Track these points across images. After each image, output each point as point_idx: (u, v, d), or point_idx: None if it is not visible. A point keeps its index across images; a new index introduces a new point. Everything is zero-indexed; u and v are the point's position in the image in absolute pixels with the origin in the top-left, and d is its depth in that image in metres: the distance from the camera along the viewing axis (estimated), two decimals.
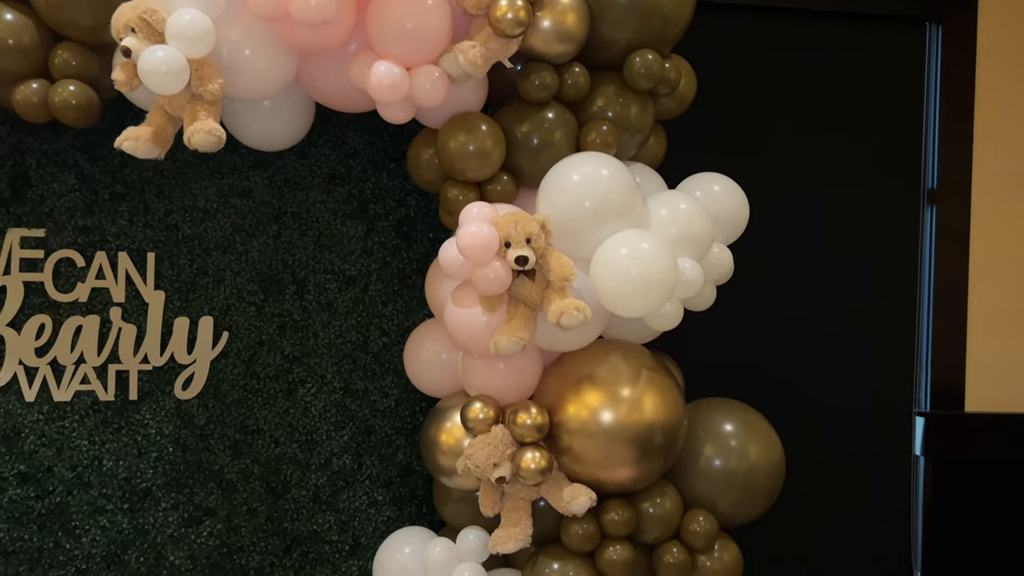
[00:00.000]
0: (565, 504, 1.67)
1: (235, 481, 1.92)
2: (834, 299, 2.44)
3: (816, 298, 2.42)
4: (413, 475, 2.02)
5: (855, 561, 2.51)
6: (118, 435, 1.87)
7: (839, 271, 2.42)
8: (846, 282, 2.44)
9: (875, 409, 2.49)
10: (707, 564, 1.76)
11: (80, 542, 1.85)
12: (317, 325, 1.96)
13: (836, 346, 2.45)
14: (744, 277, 1.92)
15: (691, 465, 1.80)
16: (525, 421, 1.68)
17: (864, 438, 2.49)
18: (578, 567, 1.71)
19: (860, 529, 2.51)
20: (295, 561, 1.95)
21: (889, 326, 2.51)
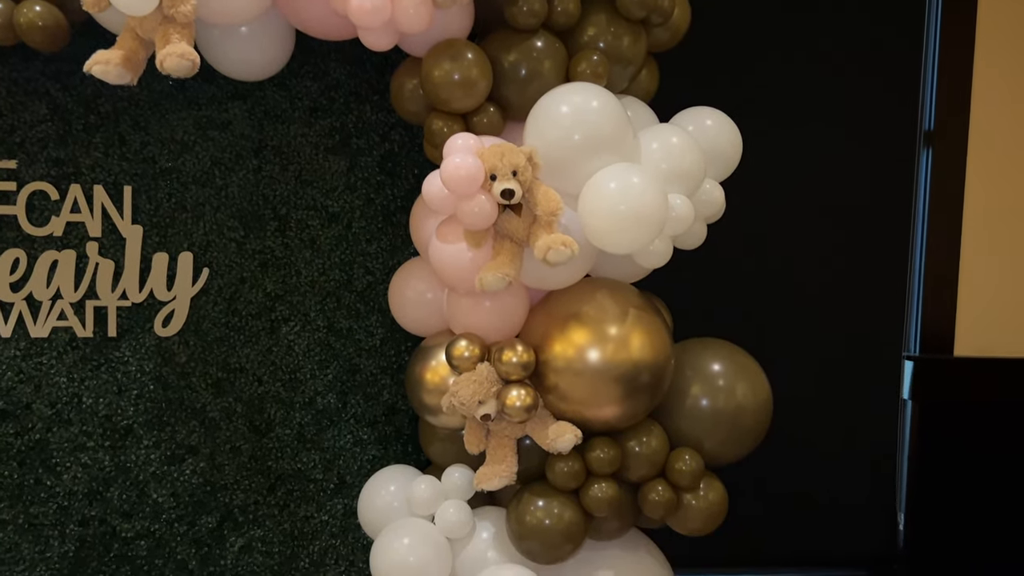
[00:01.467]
0: (550, 442, 1.66)
1: (218, 419, 1.90)
2: (826, 241, 2.41)
3: (808, 239, 2.39)
4: (398, 414, 2.00)
5: (839, 503, 2.53)
6: (97, 372, 1.84)
7: (832, 212, 2.39)
8: (839, 224, 2.41)
9: (864, 353, 2.49)
10: (692, 503, 1.76)
11: (61, 479, 1.83)
12: (300, 262, 1.92)
13: (827, 289, 2.43)
14: (735, 217, 1.89)
15: (678, 404, 1.79)
16: (511, 359, 1.66)
17: (852, 381, 2.48)
18: (563, 504, 1.71)
19: (845, 472, 2.53)
20: (279, 499, 1.95)
21: (881, 270, 2.49)
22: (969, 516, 2.56)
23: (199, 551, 1.91)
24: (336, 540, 1.98)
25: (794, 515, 2.49)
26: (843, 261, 2.43)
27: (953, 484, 2.55)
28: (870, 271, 2.46)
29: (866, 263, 2.46)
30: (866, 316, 2.48)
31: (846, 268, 2.43)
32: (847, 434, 2.49)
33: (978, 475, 2.55)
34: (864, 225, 2.44)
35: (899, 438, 2.56)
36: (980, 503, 2.56)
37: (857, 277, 2.45)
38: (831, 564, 2.56)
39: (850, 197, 2.41)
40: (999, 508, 2.57)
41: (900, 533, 2.58)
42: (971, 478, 2.55)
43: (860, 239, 2.44)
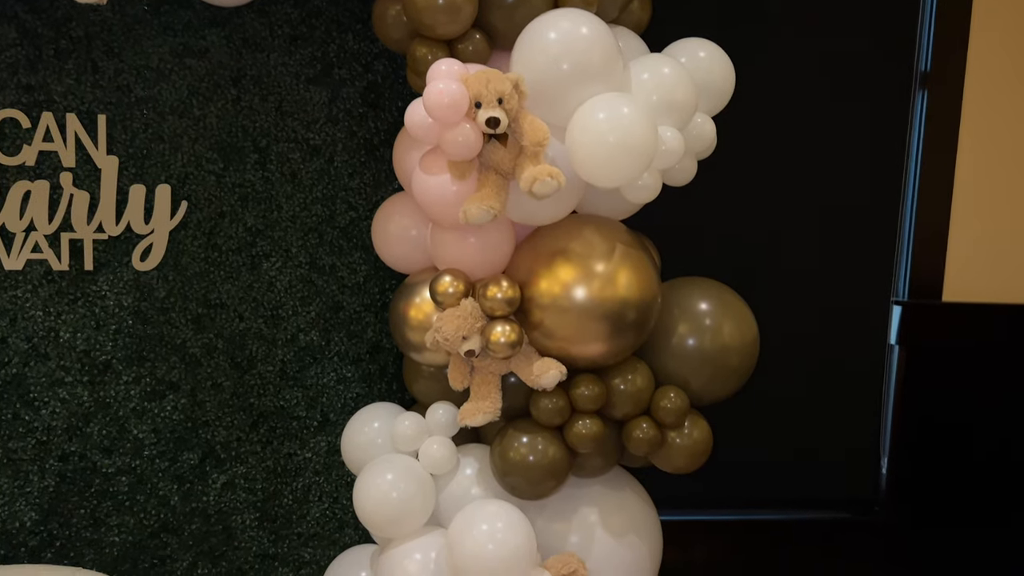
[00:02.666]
0: (535, 378, 1.65)
1: (198, 355, 1.88)
2: (817, 184, 2.38)
3: (798, 183, 2.36)
4: (382, 352, 1.98)
5: (822, 446, 2.54)
6: (74, 306, 1.80)
7: (823, 154, 2.35)
8: (830, 167, 2.37)
9: (852, 297, 2.47)
10: (676, 441, 1.75)
11: (40, 414, 1.81)
12: (280, 197, 1.88)
13: (816, 233, 2.40)
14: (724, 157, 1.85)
15: (664, 343, 1.77)
16: (495, 295, 1.63)
17: (840, 326, 2.48)
18: (547, 440, 1.70)
19: (829, 415, 2.53)
20: (262, 436, 1.93)
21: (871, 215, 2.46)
22: (952, 462, 2.58)
23: (181, 487, 1.90)
24: (320, 477, 1.97)
25: (777, 457, 2.50)
26: (833, 205, 2.40)
27: (937, 430, 2.56)
28: (860, 216, 2.44)
29: (857, 208, 2.43)
30: (855, 261, 2.46)
31: (836, 213, 2.41)
32: (832, 378, 2.49)
33: (963, 421, 2.56)
34: (856, 168, 2.41)
35: (885, 383, 2.56)
36: (964, 449, 2.58)
37: (847, 222, 2.42)
38: (813, 506, 2.58)
39: (843, 140, 2.37)
40: (983, 454, 2.59)
41: (883, 477, 2.60)
42: (956, 424, 2.56)
43: (851, 183, 2.41)
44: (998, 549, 2.60)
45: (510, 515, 1.64)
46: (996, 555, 2.61)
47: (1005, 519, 2.60)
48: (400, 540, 1.74)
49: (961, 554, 2.61)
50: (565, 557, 1.72)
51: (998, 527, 2.60)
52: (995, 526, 2.60)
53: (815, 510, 2.58)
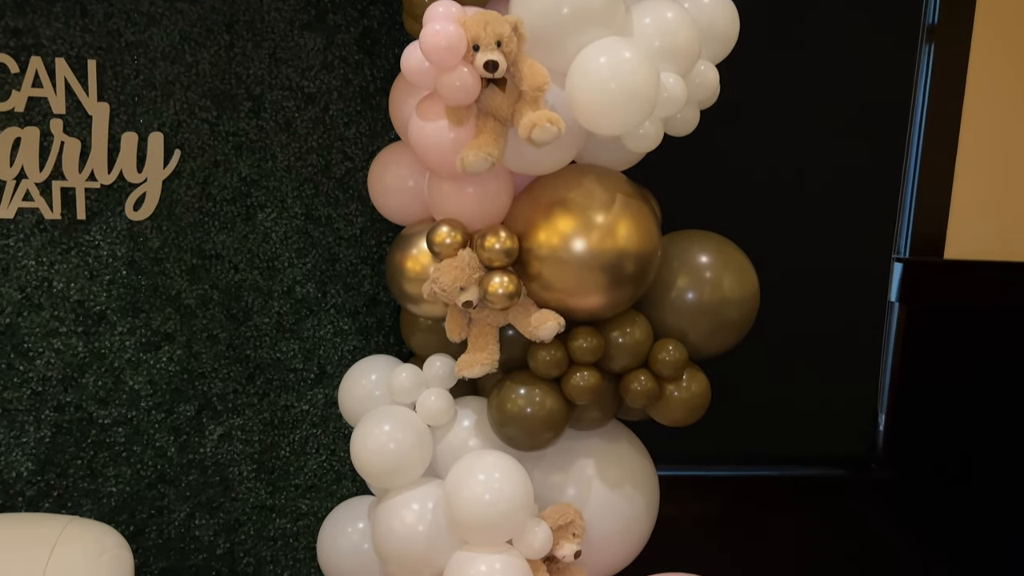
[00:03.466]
0: (532, 329, 1.63)
1: (194, 307, 1.86)
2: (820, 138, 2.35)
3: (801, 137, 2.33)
4: (380, 305, 1.97)
5: (820, 403, 2.54)
6: (67, 256, 1.78)
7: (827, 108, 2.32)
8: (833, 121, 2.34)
9: (853, 254, 2.46)
10: (674, 393, 1.74)
11: (34, 364, 1.80)
12: (275, 146, 1.85)
13: (818, 188, 2.38)
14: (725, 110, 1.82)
15: (663, 296, 1.76)
16: (493, 245, 1.61)
17: (840, 283, 2.46)
18: (545, 392, 1.69)
19: (827, 372, 2.53)
20: (259, 388, 1.93)
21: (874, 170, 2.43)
22: (950, 421, 2.58)
23: (178, 439, 1.89)
24: (317, 429, 1.97)
25: (774, 413, 2.51)
26: (836, 160, 2.37)
27: (936, 388, 2.56)
28: (863, 171, 2.41)
29: (860, 163, 2.41)
30: (857, 218, 2.44)
31: (839, 167, 2.38)
32: (832, 334, 2.49)
33: (962, 380, 2.56)
34: (860, 123, 2.37)
35: (884, 340, 2.56)
36: (962, 408, 2.58)
37: (850, 177, 2.40)
38: (808, 463, 2.59)
39: (847, 94, 2.34)
40: (980, 413, 2.59)
41: (880, 435, 2.61)
42: (955, 383, 2.56)
43: (855, 137, 2.38)
44: (994, 508, 2.62)
45: (507, 465, 1.63)
46: (992, 514, 2.62)
47: (1002, 478, 2.61)
48: (397, 491, 1.74)
49: (957, 513, 2.62)
50: (562, 508, 1.72)
51: (995, 486, 2.61)
52: (992, 485, 2.61)
53: (812, 466, 2.59)
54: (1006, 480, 2.61)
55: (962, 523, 2.64)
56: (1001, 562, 2.65)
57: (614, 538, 1.81)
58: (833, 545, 2.59)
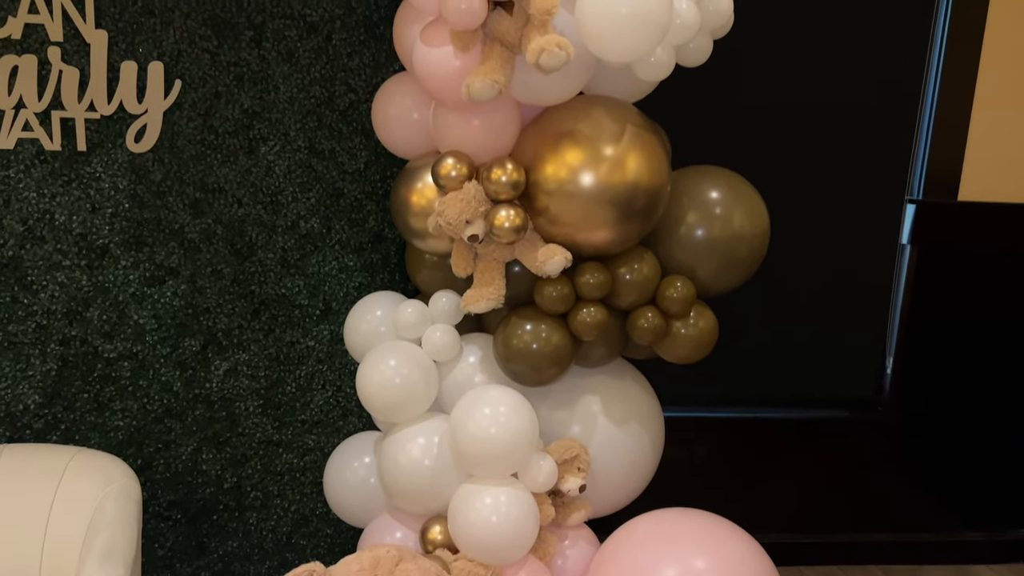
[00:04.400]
0: (539, 264, 1.61)
1: (197, 241, 1.84)
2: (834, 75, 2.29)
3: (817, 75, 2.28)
4: (385, 241, 1.95)
5: (828, 344, 2.53)
6: (69, 188, 1.76)
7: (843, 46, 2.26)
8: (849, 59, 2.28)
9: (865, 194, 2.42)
10: (681, 331, 1.73)
11: (38, 297, 1.79)
12: (277, 77, 1.81)
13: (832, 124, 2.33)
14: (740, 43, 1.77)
15: (671, 232, 1.73)
16: (500, 177, 1.58)
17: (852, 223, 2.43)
18: (551, 328, 1.68)
19: (836, 313, 2.51)
20: (264, 324, 1.92)
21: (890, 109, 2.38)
22: (958, 365, 2.57)
23: (183, 373, 1.89)
24: (323, 365, 1.97)
25: (780, 355, 2.50)
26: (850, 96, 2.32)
27: (945, 332, 2.54)
28: (877, 109, 2.36)
29: (875, 102, 2.35)
30: (870, 156, 2.39)
31: (853, 104, 2.33)
32: (841, 275, 2.46)
33: (971, 324, 2.54)
34: (875, 61, 2.31)
35: (895, 283, 2.53)
36: (970, 353, 2.56)
37: (863, 115, 2.35)
38: (814, 405, 2.59)
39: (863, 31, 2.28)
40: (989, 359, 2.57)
41: (887, 378, 2.60)
42: (964, 327, 2.54)
43: (870, 76, 2.32)
44: (999, 454, 2.62)
45: (513, 399, 1.63)
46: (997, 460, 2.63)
47: (1008, 425, 2.61)
48: (403, 425, 1.74)
49: (962, 457, 2.63)
50: (567, 442, 1.72)
51: (1001, 432, 2.61)
52: (998, 431, 2.61)
53: (815, 408, 2.59)
54: (1012, 426, 2.61)
55: (966, 468, 2.64)
56: (1004, 507, 2.67)
57: (619, 474, 1.82)
58: (836, 487, 2.61)
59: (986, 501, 2.66)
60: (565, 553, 1.77)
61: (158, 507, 1.94)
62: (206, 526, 1.97)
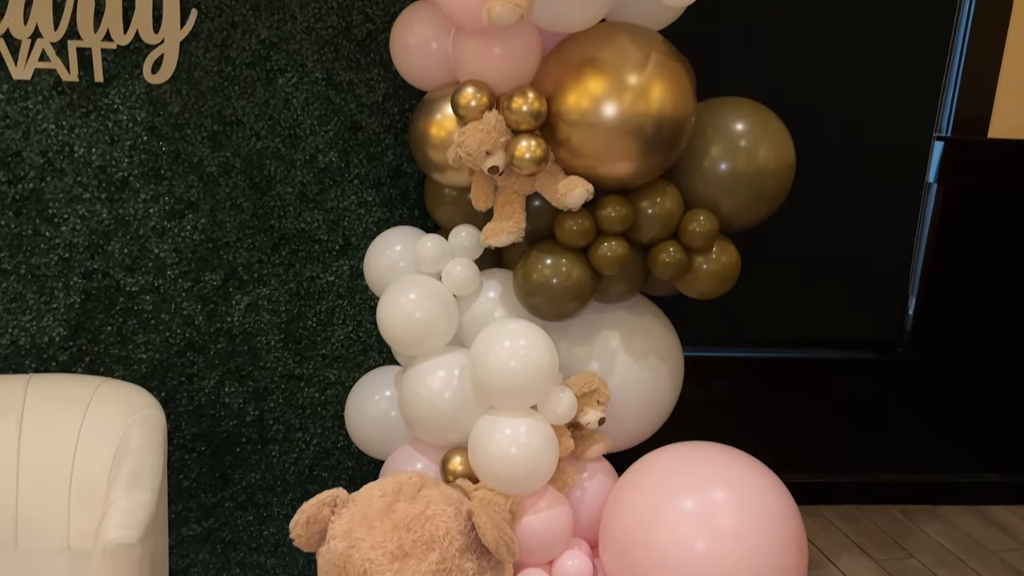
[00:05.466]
0: (560, 196, 1.59)
1: (216, 175, 1.84)
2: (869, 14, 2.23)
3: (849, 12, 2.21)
4: (403, 176, 1.93)
5: (851, 284, 2.50)
6: (87, 119, 1.75)
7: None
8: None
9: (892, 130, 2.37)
10: (703, 266, 1.71)
11: (60, 230, 1.80)
12: (294, 6, 1.78)
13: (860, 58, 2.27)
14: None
15: (695, 165, 1.70)
16: (521, 107, 1.56)
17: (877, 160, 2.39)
18: (571, 262, 1.67)
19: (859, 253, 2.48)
20: (284, 259, 1.92)
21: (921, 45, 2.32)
22: (980, 305, 2.54)
23: (205, 307, 1.91)
24: (343, 300, 1.97)
25: (802, 293, 2.48)
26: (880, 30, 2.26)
27: (969, 273, 2.51)
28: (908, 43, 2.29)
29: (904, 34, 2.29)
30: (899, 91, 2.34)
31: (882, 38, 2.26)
32: (866, 214, 2.43)
33: (996, 265, 2.50)
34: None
35: (920, 222, 2.49)
36: (992, 293, 2.53)
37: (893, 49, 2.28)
38: (835, 346, 2.58)
39: None
40: (1011, 299, 2.54)
41: (909, 318, 2.58)
42: (989, 268, 2.51)
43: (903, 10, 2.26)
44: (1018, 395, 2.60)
45: (533, 333, 1.63)
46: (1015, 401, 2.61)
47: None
48: (423, 358, 1.75)
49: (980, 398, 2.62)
50: (587, 376, 1.72)
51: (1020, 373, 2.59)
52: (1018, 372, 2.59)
53: (837, 349, 2.58)
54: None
55: (986, 409, 2.63)
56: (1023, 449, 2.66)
57: (638, 408, 1.82)
58: (855, 428, 2.61)
59: (1006, 442, 2.65)
60: (584, 485, 1.79)
61: (182, 439, 1.97)
62: (229, 458, 2.01)
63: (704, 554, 1.55)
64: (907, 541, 2.49)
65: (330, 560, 1.34)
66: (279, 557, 2.08)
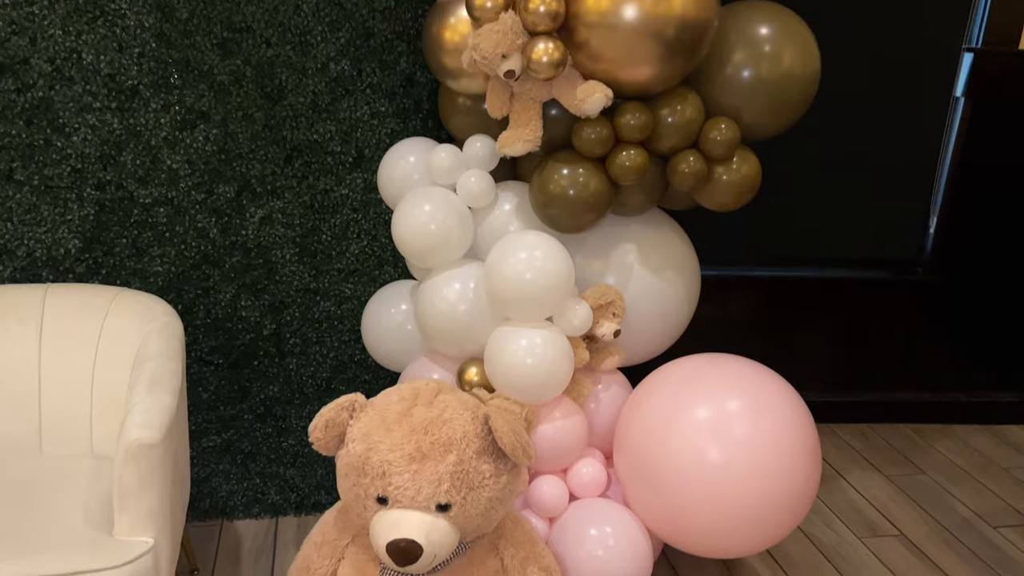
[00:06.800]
0: (578, 103, 1.55)
1: (227, 84, 1.80)
2: None
3: None
4: (417, 86, 1.89)
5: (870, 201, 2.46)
6: (94, 26, 1.71)
7: None
8: None
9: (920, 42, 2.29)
10: (723, 177, 1.68)
11: (71, 140, 1.78)
12: None
13: None
14: None
15: (717, 71, 1.65)
16: (538, 7, 1.50)
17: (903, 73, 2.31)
18: (588, 172, 1.64)
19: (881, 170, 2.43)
20: (297, 171, 1.90)
21: None
22: (1002, 225, 2.49)
23: (219, 220, 1.89)
24: (357, 214, 1.95)
25: (820, 210, 2.44)
26: None
27: (994, 192, 2.46)
28: None
29: None
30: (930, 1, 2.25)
31: None
32: (889, 130, 2.37)
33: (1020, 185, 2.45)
34: None
35: (945, 139, 2.43)
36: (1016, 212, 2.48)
37: None
38: (852, 264, 2.55)
39: None
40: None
41: (929, 237, 2.54)
42: (1011, 186, 2.45)
43: None
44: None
45: (549, 244, 1.61)
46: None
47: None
48: (439, 271, 1.74)
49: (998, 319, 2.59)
50: (603, 288, 1.71)
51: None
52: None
53: (853, 268, 2.55)
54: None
55: (1003, 330, 2.61)
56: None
57: (654, 321, 1.82)
58: (871, 347, 2.60)
59: (1021, 363, 2.64)
60: (598, 397, 1.80)
61: (200, 352, 1.98)
62: (247, 371, 2.02)
63: (718, 462, 1.56)
64: (919, 458, 2.50)
65: (349, 463, 1.35)
66: (298, 467, 2.12)
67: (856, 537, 2.14)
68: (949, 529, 2.18)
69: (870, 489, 2.35)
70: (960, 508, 2.27)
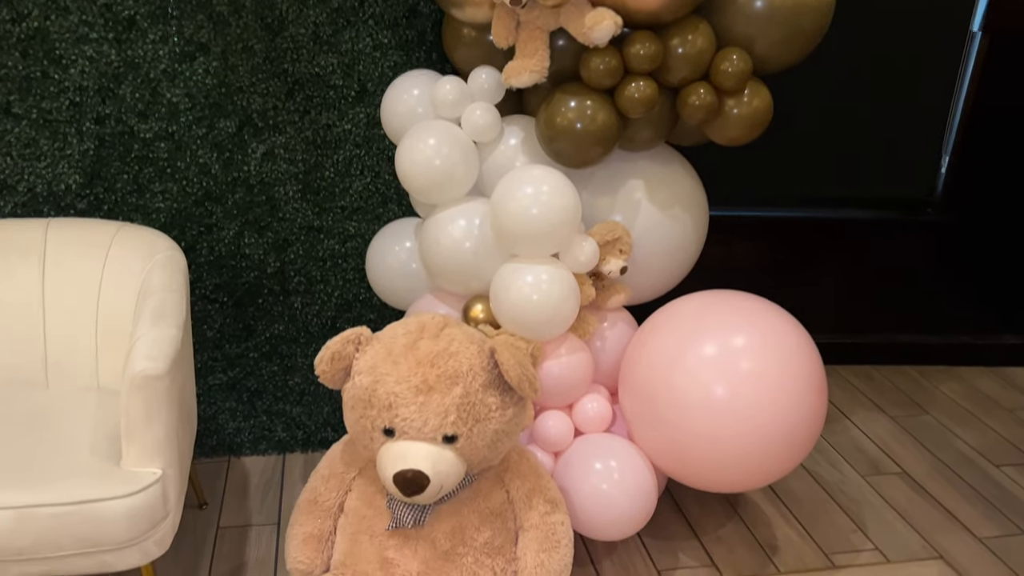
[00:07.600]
0: (587, 31, 1.51)
1: (226, 15, 1.76)
2: None
3: None
4: (420, 17, 1.84)
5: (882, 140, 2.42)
6: None
7: None
8: None
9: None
10: (734, 110, 1.64)
11: (68, 72, 1.74)
12: None
13: None
14: None
15: (729, 1, 1.61)
16: None
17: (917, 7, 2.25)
18: (596, 104, 1.60)
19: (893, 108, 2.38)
20: (299, 105, 1.86)
21: None
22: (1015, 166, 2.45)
23: (221, 155, 1.87)
24: (360, 150, 1.92)
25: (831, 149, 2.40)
26: None
27: (1009, 131, 2.41)
28: None
29: None
30: None
31: None
32: (903, 67, 2.31)
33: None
34: None
35: (960, 76, 2.38)
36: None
37: None
38: (862, 204, 2.52)
39: None
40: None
41: (941, 177, 2.51)
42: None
43: None
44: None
45: (555, 179, 1.59)
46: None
47: None
48: (443, 207, 1.72)
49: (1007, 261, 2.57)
50: (610, 224, 1.69)
51: None
52: None
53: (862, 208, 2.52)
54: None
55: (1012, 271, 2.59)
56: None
57: (661, 259, 1.80)
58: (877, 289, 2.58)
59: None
60: (604, 334, 1.79)
61: (204, 290, 1.98)
62: (252, 309, 2.02)
63: (724, 397, 1.56)
64: (923, 399, 2.51)
65: (355, 395, 1.35)
66: (304, 405, 2.13)
67: (859, 475, 2.15)
68: (951, 467, 2.20)
69: (874, 429, 2.35)
70: (963, 447, 2.28)
